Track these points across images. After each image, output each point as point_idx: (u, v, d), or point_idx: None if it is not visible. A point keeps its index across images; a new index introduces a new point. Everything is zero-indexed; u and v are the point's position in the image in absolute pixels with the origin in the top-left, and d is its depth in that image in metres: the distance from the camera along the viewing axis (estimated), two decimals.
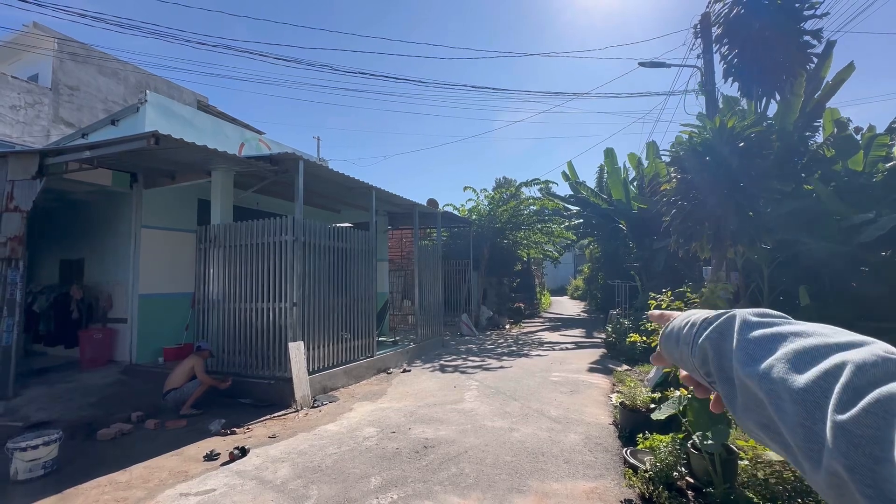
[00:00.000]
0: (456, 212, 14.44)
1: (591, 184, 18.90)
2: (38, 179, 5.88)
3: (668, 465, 3.15)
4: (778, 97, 6.01)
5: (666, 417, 3.59)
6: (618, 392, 5.82)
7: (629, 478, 3.38)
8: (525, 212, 14.56)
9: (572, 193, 18.59)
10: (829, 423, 0.33)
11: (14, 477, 3.51)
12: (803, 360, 0.38)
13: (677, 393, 3.76)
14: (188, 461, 3.88)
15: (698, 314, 0.54)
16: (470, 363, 8.33)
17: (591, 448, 4.05)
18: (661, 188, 5.83)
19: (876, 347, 0.37)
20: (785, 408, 0.37)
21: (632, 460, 3.58)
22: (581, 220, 19.30)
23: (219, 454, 3.97)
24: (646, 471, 3.24)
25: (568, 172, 18.41)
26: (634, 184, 14.57)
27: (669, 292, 4.01)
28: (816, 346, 0.39)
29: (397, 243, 15.44)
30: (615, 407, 4.94)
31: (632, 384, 5.34)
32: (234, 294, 6.21)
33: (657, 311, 0.67)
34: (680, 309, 3.99)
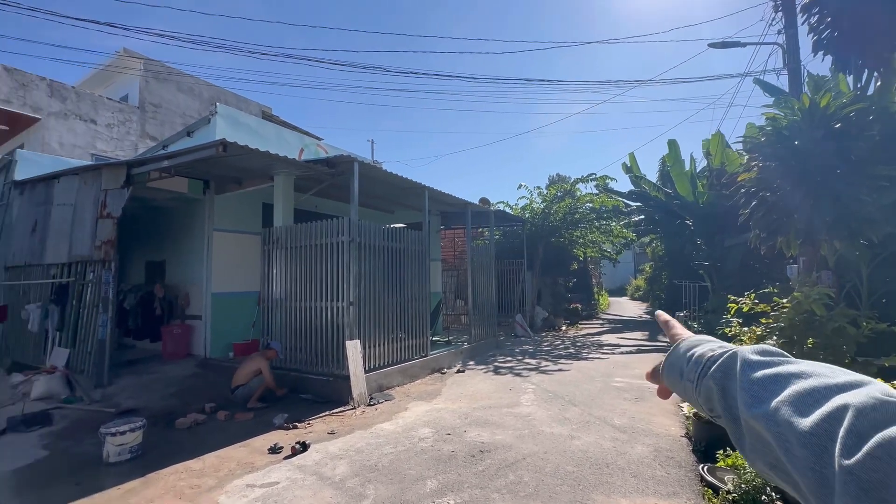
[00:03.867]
0: (508, 210, 14.17)
1: (653, 178, 17.84)
2: (126, 188, 6.47)
3: (756, 488, 2.81)
4: (881, 70, 5.23)
5: None
6: None
7: (708, 498, 3.06)
8: (581, 209, 13.98)
9: (633, 188, 17.65)
10: (836, 468, 0.34)
11: (106, 459, 3.85)
12: (806, 402, 0.39)
13: None
14: (254, 453, 4.06)
15: (701, 347, 0.55)
16: (525, 365, 8.10)
17: (662, 462, 3.73)
18: (739, 179, 5.29)
19: (873, 389, 0.38)
20: (794, 451, 0.38)
21: (710, 478, 3.25)
22: (642, 217, 18.24)
23: (282, 448, 4.11)
24: (728, 492, 2.91)
25: (630, 165, 17.48)
26: (702, 176, 13.53)
27: (752, 294, 3.60)
28: (817, 387, 0.40)
29: (450, 243, 15.45)
30: (687, 418, 4.54)
31: None
32: (295, 293, 6.46)
33: (664, 316, 0.66)
34: (765, 312, 3.57)
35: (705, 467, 3.43)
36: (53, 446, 4.32)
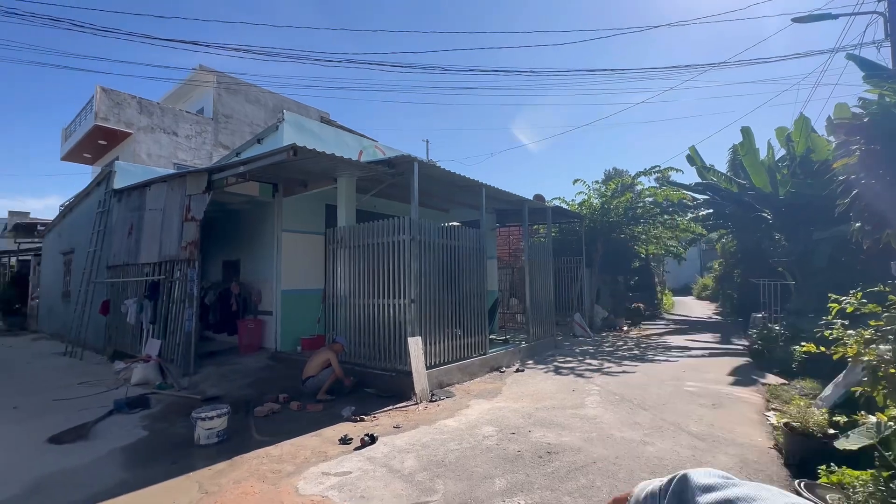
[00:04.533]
0: (565, 206, 13.78)
1: (722, 169, 16.58)
2: (207, 193, 7.02)
3: None
4: None
5: (858, 448, 2.89)
6: (776, 410, 4.94)
7: None
8: (642, 204, 13.28)
9: (699, 180, 16.52)
10: None
11: (197, 441, 4.19)
12: None
13: (872, 418, 3.02)
14: (326, 443, 4.25)
15: (652, 484, 0.59)
16: (587, 366, 7.84)
17: (750, 475, 3.45)
18: (834, 165, 4.76)
19: None
20: None
21: (808, 495, 2.95)
22: (710, 211, 17.03)
23: (351, 439, 4.26)
24: None
25: (693, 156, 16.40)
26: (782, 165, 12.34)
27: (859, 293, 3.21)
28: None
29: (504, 241, 15.31)
30: (776, 428, 4.17)
31: (799, 402, 4.45)
32: (358, 290, 6.69)
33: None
34: (875, 314, 3.17)
35: (801, 483, 3.12)
36: (152, 427, 4.78)
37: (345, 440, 4.24)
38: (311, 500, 3.13)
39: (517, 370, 7.53)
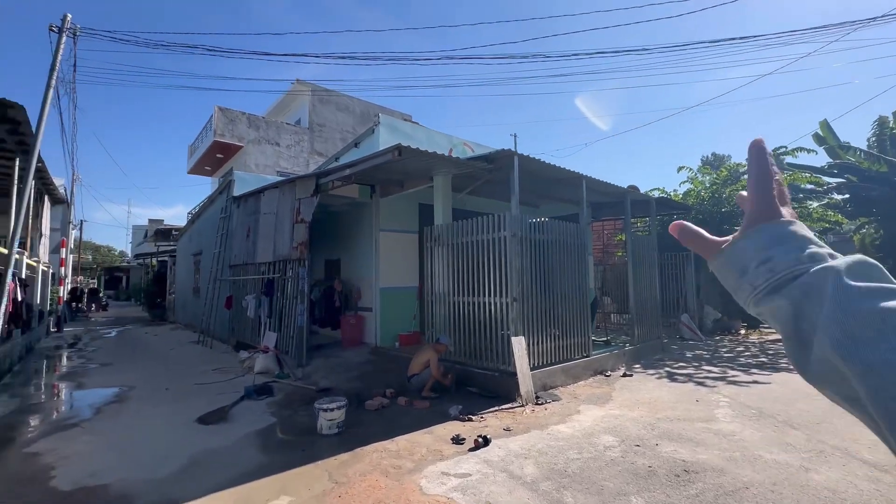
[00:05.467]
0: (664, 196, 12.60)
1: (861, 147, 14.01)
2: (315, 196, 7.47)
3: None
4: None
5: None
6: None
7: None
8: None
9: (831, 161, 14.18)
10: None
11: (319, 431, 4.42)
12: None
13: None
14: (439, 441, 4.23)
15: (783, 252, 0.42)
16: (706, 373, 7.03)
17: None
18: None
19: None
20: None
21: None
22: (846, 196, 14.54)
23: (464, 439, 4.20)
24: None
25: (822, 134, 14.11)
26: None
27: None
28: None
29: (597, 237, 14.46)
30: None
31: None
32: (456, 288, 6.66)
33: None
34: None
35: None
36: (278, 414, 5.16)
37: (457, 440, 4.19)
38: (437, 501, 3.10)
39: (624, 374, 6.99)
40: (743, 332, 11.91)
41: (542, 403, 5.46)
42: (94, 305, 23.66)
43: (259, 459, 3.84)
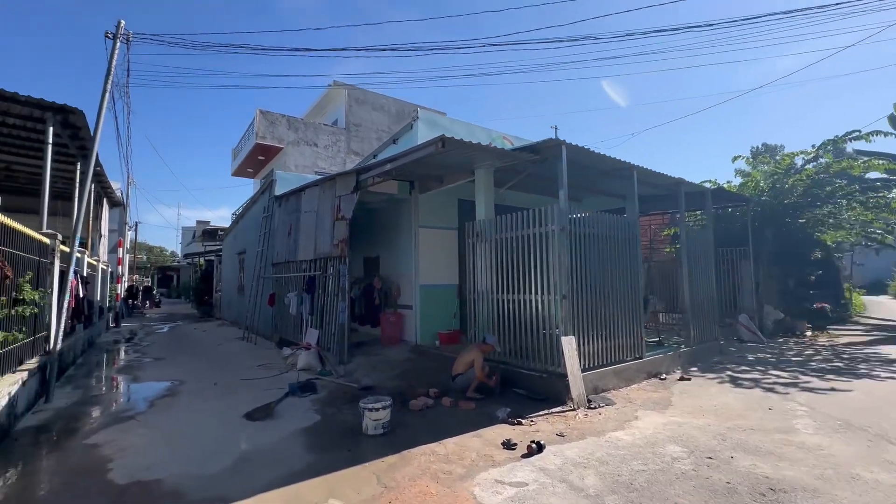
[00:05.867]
0: (720, 188, 11.78)
1: None
2: (355, 193, 7.42)
3: None
4: None
5: None
6: None
7: None
8: (835, 181, 10.67)
9: None
10: None
11: (365, 431, 4.31)
12: None
13: None
14: (489, 445, 4.01)
15: None
16: (774, 378, 6.44)
17: None
18: None
19: None
20: None
21: None
22: None
23: (516, 444, 3.97)
24: None
25: None
26: None
27: None
28: None
29: (642, 232, 13.76)
30: None
31: None
32: (500, 285, 6.41)
33: None
34: None
35: None
36: (322, 412, 5.11)
37: (509, 445, 3.96)
38: None
39: (681, 378, 6.52)
40: (809, 334, 10.98)
41: (594, 407, 5.13)
42: (148, 302, 25.03)
43: (306, 459, 3.76)
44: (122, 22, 6.66)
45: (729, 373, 6.88)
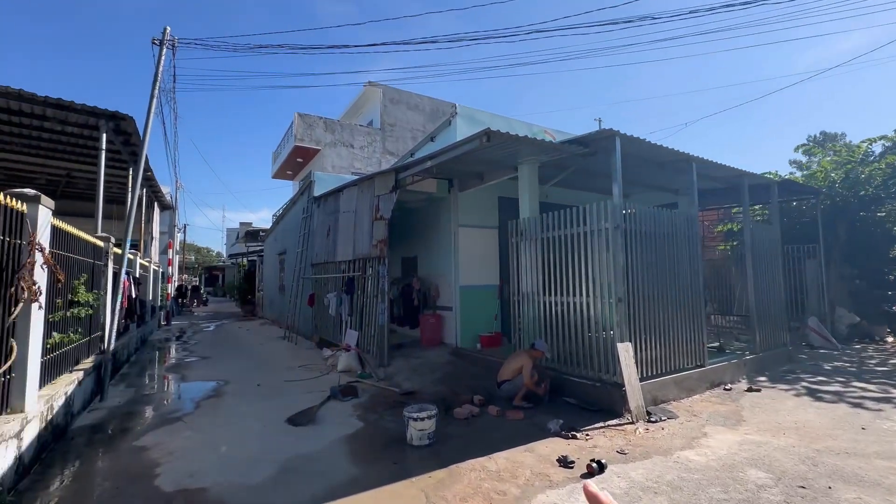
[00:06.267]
0: (787, 180, 10.83)
1: None
2: (394, 192, 7.27)
3: None
4: None
5: None
6: None
7: None
8: None
9: None
10: None
11: (409, 441, 4.11)
12: None
13: None
14: (544, 462, 3.71)
15: None
16: (860, 392, 5.75)
17: None
18: None
19: None
20: None
21: None
22: None
23: (573, 462, 3.64)
24: None
25: None
26: None
27: None
28: None
29: None
30: None
31: None
32: (546, 287, 6.06)
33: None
34: None
35: None
36: (364, 418, 4.95)
37: (565, 463, 3.64)
38: None
39: (749, 389, 5.94)
40: (890, 339, 9.89)
41: (655, 421, 4.70)
42: (196, 301, 26.18)
43: (350, 471, 3.59)
44: (168, 28, 6.80)
45: (804, 384, 6.21)
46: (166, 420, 4.97)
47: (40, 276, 3.56)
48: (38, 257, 3.48)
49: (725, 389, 5.98)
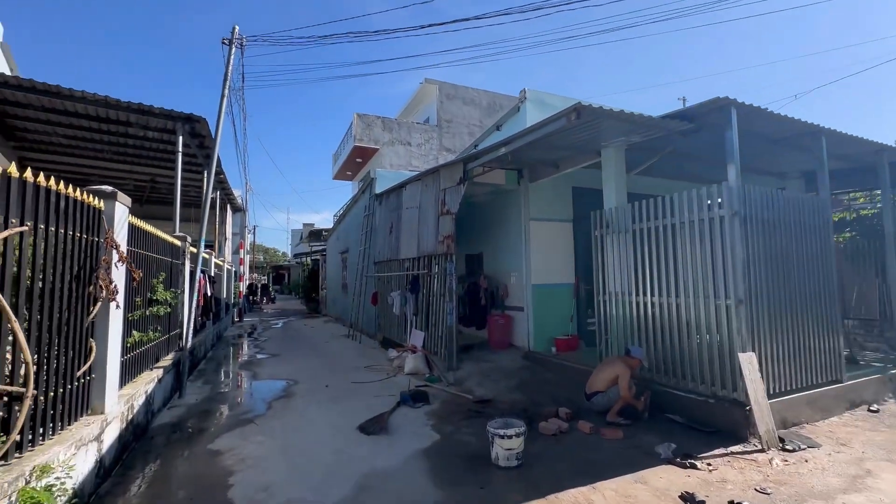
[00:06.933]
0: None
1: None
2: (462, 184, 6.81)
3: None
4: None
5: None
6: None
7: None
8: None
9: None
10: None
11: (495, 461, 3.61)
12: None
13: None
14: (663, 498, 3.05)
15: None
16: None
17: None
18: None
19: None
20: None
21: None
22: None
23: (702, 502, 2.96)
24: None
25: None
26: None
27: None
28: None
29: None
30: None
31: None
32: (639, 286, 5.31)
33: None
34: None
35: None
36: (439, 429, 4.53)
37: (692, 501, 2.97)
38: None
39: None
40: None
41: (792, 450, 3.85)
42: (265, 299, 27.54)
43: (433, 495, 3.16)
44: (237, 27, 6.84)
45: None
46: (239, 421, 4.86)
47: (118, 275, 3.48)
48: (115, 255, 3.39)
49: (871, 411, 4.90)
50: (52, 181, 2.72)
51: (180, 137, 7.27)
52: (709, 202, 4.58)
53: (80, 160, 9.71)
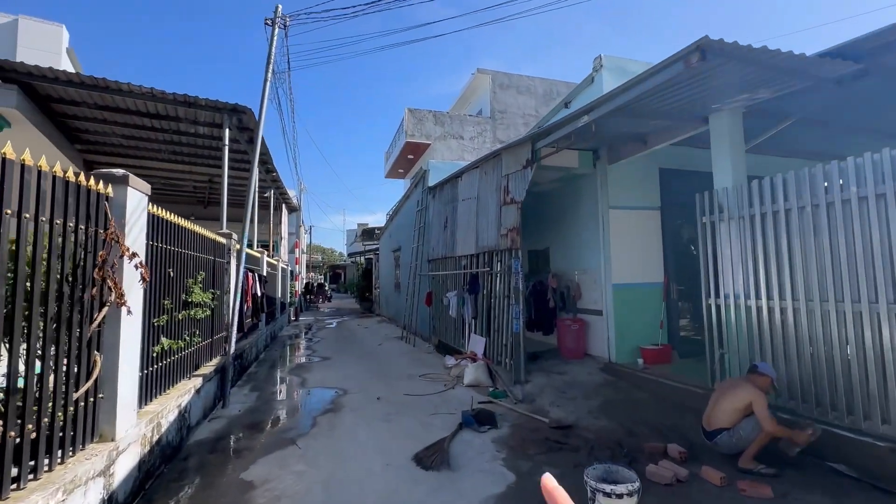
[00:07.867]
0: None
1: None
2: (529, 168, 5.85)
3: None
4: None
5: None
6: None
7: None
8: None
9: None
10: None
11: None
12: None
13: None
14: None
15: None
16: None
17: None
18: None
19: None
20: None
21: None
22: None
23: None
24: None
25: None
26: None
27: None
28: None
29: None
30: None
31: None
32: (771, 287, 4.08)
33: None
34: None
35: None
36: (513, 466, 3.64)
37: None
38: None
39: None
40: None
41: None
42: (321, 298, 27.99)
43: None
44: (280, 6, 6.35)
45: None
46: (280, 441, 4.26)
47: (131, 274, 2.92)
48: (127, 250, 2.82)
49: None
50: (34, 160, 2.14)
51: (227, 130, 6.93)
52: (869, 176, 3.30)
53: (141, 161, 9.81)
